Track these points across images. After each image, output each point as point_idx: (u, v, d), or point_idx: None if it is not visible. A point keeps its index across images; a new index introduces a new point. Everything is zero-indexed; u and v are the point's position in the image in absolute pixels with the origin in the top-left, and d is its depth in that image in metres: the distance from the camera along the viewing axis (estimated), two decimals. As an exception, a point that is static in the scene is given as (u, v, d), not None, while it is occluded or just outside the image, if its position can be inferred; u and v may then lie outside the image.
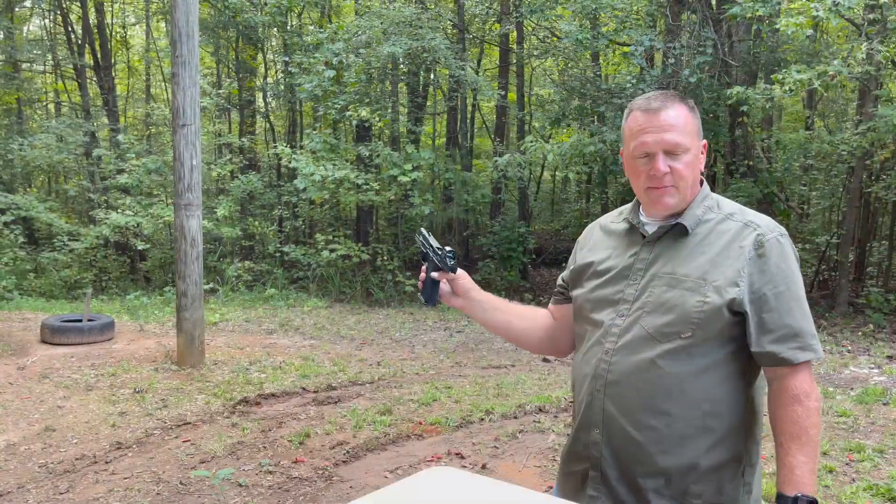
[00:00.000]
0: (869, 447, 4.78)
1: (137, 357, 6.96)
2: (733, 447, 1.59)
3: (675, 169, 1.59)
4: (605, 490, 1.62)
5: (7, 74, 16.27)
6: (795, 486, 1.51)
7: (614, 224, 1.79)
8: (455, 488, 1.59)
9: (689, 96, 8.83)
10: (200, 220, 6.80)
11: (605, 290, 1.69)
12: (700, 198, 1.67)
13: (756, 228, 1.60)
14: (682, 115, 1.61)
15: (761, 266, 1.55)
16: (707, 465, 1.56)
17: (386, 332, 8.98)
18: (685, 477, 1.56)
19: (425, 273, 1.87)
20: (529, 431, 5.09)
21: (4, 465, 4.43)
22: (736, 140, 11.41)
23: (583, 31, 9.94)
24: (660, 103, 1.61)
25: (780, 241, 1.58)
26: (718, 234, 1.61)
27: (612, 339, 1.62)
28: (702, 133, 1.67)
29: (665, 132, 1.58)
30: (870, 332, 8.75)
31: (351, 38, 11.32)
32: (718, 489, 1.57)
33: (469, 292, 1.87)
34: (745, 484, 1.62)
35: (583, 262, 1.79)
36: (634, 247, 1.69)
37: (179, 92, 6.58)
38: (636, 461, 1.58)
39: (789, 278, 1.57)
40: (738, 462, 1.60)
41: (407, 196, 11.89)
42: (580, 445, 1.67)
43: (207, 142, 14.55)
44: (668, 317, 1.56)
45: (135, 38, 20.34)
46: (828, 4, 7.53)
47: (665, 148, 1.59)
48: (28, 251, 12.83)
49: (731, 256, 1.57)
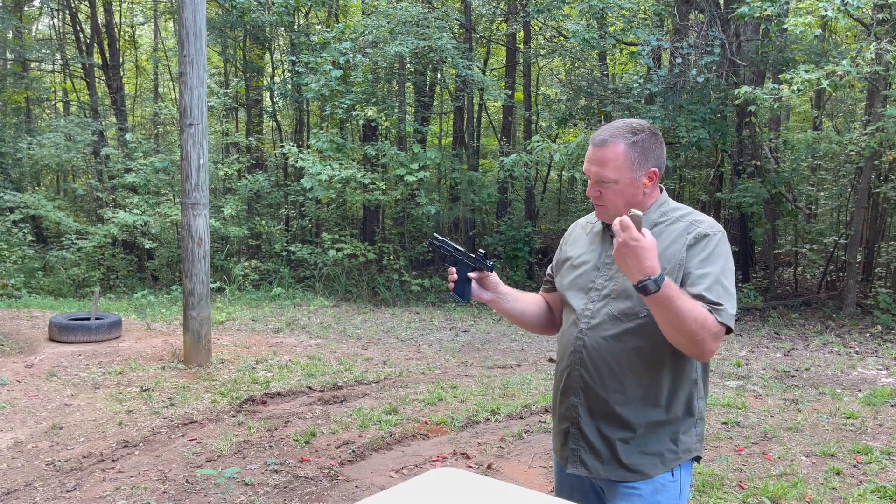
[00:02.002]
0: (877, 449, 4.76)
1: (144, 355, 6.99)
2: (689, 405, 1.94)
3: (603, 193, 1.95)
4: (583, 443, 1.98)
5: (16, 73, 16.37)
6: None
7: (591, 224, 2.13)
8: (460, 490, 1.59)
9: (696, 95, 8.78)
10: (207, 219, 6.82)
11: (581, 279, 2.04)
12: (657, 205, 1.99)
13: (698, 226, 1.92)
14: (615, 151, 1.92)
15: (694, 252, 1.87)
16: (666, 421, 1.92)
17: (392, 331, 8.99)
18: (647, 430, 1.92)
19: (456, 275, 2.13)
20: (535, 432, 5.09)
21: (12, 462, 4.45)
22: (743, 140, 11.37)
23: (590, 30, 9.92)
24: (600, 140, 1.94)
25: (716, 236, 1.90)
26: (670, 232, 1.93)
27: (585, 321, 1.97)
28: (647, 161, 1.94)
29: (595, 165, 1.94)
30: (878, 333, 8.71)
31: (358, 38, 11.33)
32: (675, 440, 1.93)
33: (498, 287, 2.17)
34: (697, 435, 1.98)
35: (564, 256, 2.16)
36: (605, 244, 2.02)
37: (187, 91, 6.60)
38: (606, 418, 1.94)
39: (716, 264, 1.86)
40: (691, 417, 1.95)
41: (413, 195, 11.89)
42: (563, 408, 2.03)
43: (215, 141, 14.59)
44: (629, 302, 1.90)
45: (143, 37, 20.40)
46: (836, 4, 7.49)
47: (594, 178, 1.96)
48: (36, 249, 12.90)
49: (676, 247, 1.89)
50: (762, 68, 10.84)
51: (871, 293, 10.57)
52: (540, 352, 7.98)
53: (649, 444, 1.92)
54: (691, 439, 1.97)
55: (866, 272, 11.93)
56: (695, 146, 9.74)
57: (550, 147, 9.64)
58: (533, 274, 12.84)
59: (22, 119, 16.65)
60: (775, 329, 9.12)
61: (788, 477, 4.31)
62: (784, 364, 7.36)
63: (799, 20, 7.77)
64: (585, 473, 1.98)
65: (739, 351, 7.98)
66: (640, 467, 1.92)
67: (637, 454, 1.92)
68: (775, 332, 8.94)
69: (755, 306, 10.28)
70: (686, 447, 1.95)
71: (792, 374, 6.99)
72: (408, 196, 11.83)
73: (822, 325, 9.28)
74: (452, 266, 2.13)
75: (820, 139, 10.85)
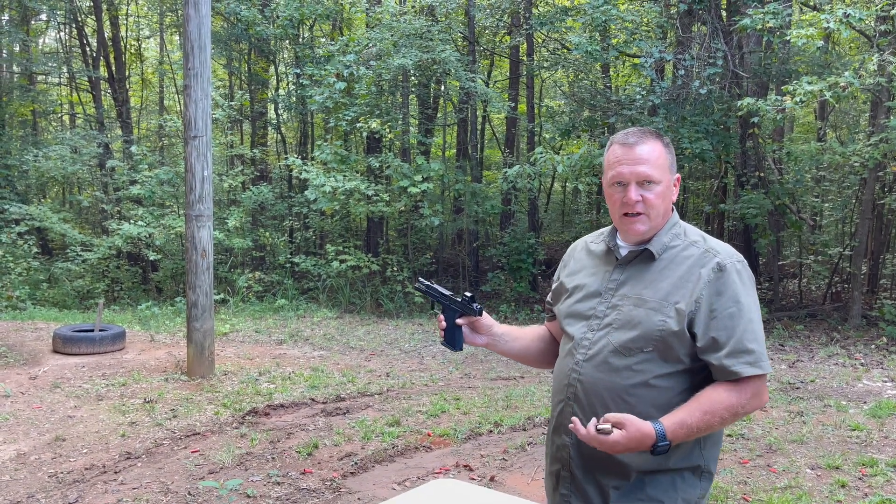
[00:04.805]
0: (882, 461, 4.73)
1: (148, 367, 6.99)
2: (690, 455, 1.73)
3: (647, 198, 1.75)
4: (574, 489, 1.79)
5: (23, 86, 16.47)
6: (661, 421, 1.63)
7: (594, 245, 1.95)
8: (459, 501, 1.58)
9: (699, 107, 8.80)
10: (211, 231, 6.84)
11: (581, 305, 1.85)
12: (668, 226, 1.81)
13: (716, 255, 1.74)
14: (655, 149, 1.77)
15: (717, 289, 1.69)
16: (664, 469, 1.71)
17: (395, 343, 8.98)
18: (643, 478, 1.71)
19: (445, 322, 1.95)
20: (538, 444, 5.07)
21: (15, 474, 4.45)
22: (747, 151, 11.37)
23: (592, 42, 9.95)
24: (636, 138, 1.77)
25: (737, 268, 1.73)
26: (682, 260, 1.76)
27: (582, 351, 1.78)
28: (675, 168, 1.83)
29: (638, 165, 1.75)
30: (883, 344, 8.67)
31: (362, 51, 11.38)
32: (674, 489, 1.72)
33: (492, 329, 2.00)
34: (702, 489, 1.76)
35: (563, 281, 1.97)
36: (609, 267, 1.85)
37: (191, 104, 6.63)
38: (599, 463, 1.73)
39: (741, 301, 1.69)
40: (695, 469, 1.74)
41: (417, 207, 11.90)
42: (554, 448, 1.85)
43: (219, 153, 14.64)
44: (633, 333, 1.71)
45: (149, 50, 20.54)
46: (839, 16, 7.51)
47: (638, 179, 1.75)
48: (41, 261, 12.94)
49: (691, 280, 1.71)
50: (765, 80, 10.85)
51: (876, 304, 10.52)
52: (543, 363, 7.96)
53: (647, 492, 1.72)
54: (693, 492, 1.75)
55: (871, 283, 11.88)
56: (698, 157, 9.74)
57: (554, 158, 9.65)
58: (537, 285, 12.83)
59: (28, 132, 16.74)
60: (780, 341, 9.08)
61: (793, 490, 4.28)
62: (789, 376, 7.33)
63: (801, 32, 7.78)
64: None
65: (744, 363, 7.94)
66: None
67: (633, 503, 1.73)
68: (780, 344, 8.90)
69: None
70: (686, 499, 1.74)
71: (797, 385, 6.96)
72: (411, 208, 11.84)
73: (828, 336, 9.24)
74: (442, 312, 1.96)
75: (824, 150, 10.84)
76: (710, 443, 1.77)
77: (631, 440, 1.59)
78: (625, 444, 1.60)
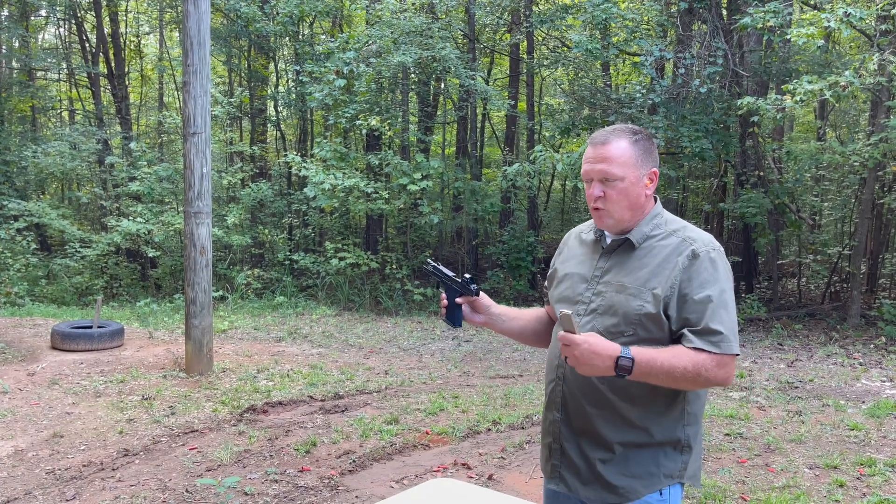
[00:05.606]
0: (880, 461, 4.73)
1: (146, 364, 6.98)
2: (673, 429, 1.87)
3: (608, 194, 1.88)
4: (564, 460, 1.95)
5: (22, 82, 16.46)
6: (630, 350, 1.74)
7: (585, 234, 2.09)
8: (456, 500, 1.58)
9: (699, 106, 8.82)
10: (210, 228, 6.83)
11: (571, 291, 1.99)
12: (650, 216, 1.93)
13: (692, 243, 1.85)
14: (620, 147, 1.88)
15: (690, 274, 1.80)
16: (646, 443, 1.85)
17: (394, 340, 8.98)
18: (627, 453, 1.86)
19: (447, 300, 2.12)
20: (537, 442, 5.06)
21: (12, 471, 4.45)
22: (747, 150, 11.37)
23: (593, 41, 9.94)
24: (604, 138, 1.90)
25: (711, 256, 1.83)
26: (661, 248, 1.87)
27: None
28: (649, 161, 1.91)
29: (599, 163, 1.88)
30: (882, 344, 8.67)
31: (362, 48, 11.36)
32: (656, 463, 1.86)
33: (489, 308, 2.16)
34: (683, 462, 1.89)
35: (557, 267, 2.13)
36: (596, 255, 1.99)
37: (190, 100, 6.62)
38: (587, 436, 1.89)
39: (712, 286, 1.79)
40: (675, 443, 1.88)
41: (416, 205, 11.89)
42: (547, 423, 2.01)
43: (218, 150, 14.62)
44: (615, 318, 1.85)
45: (148, 47, 20.52)
46: (839, 15, 7.51)
47: (598, 176, 1.89)
48: (40, 258, 12.92)
49: (668, 267, 1.83)
50: (765, 79, 10.85)
51: (875, 304, 10.53)
52: (542, 362, 7.96)
53: (630, 466, 1.86)
54: (675, 465, 1.89)
55: (870, 283, 11.89)
56: (698, 156, 9.74)
57: (553, 157, 9.64)
58: (536, 283, 12.82)
59: (27, 128, 16.72)
60: (779, 340, 9.08)
61: (791, 489, 4.28)
62: (787, 375, 7.33)
63: (802, 31, 7.78)
64: (565, 490, 1.95)
65: (742, 362, 7.95)
66: (622, 490, 1.87)
67: (618, 475, 1.87)
68: (779, 343, 8.91)
69: (758, 317, 10.25)
70: (669, 472, 1.88)
71: (795, 385, 6.96)
72: (411, 205, 11.83)
73: (826, 336, 9.25)
74: (442, 290, 2.13)
75: (823, 150, 10.84)
76: (692, 419, 1.90)
77: (596, 345, 1.69)
78: (590, 347, 1.69)
